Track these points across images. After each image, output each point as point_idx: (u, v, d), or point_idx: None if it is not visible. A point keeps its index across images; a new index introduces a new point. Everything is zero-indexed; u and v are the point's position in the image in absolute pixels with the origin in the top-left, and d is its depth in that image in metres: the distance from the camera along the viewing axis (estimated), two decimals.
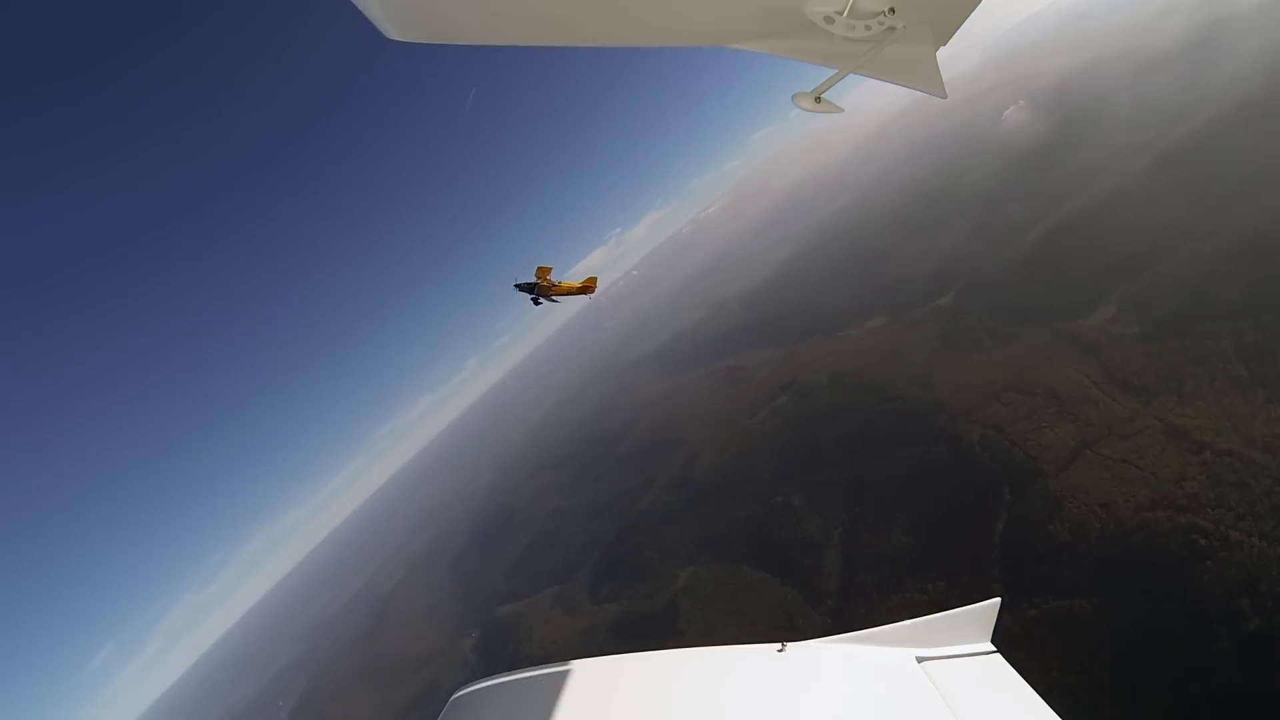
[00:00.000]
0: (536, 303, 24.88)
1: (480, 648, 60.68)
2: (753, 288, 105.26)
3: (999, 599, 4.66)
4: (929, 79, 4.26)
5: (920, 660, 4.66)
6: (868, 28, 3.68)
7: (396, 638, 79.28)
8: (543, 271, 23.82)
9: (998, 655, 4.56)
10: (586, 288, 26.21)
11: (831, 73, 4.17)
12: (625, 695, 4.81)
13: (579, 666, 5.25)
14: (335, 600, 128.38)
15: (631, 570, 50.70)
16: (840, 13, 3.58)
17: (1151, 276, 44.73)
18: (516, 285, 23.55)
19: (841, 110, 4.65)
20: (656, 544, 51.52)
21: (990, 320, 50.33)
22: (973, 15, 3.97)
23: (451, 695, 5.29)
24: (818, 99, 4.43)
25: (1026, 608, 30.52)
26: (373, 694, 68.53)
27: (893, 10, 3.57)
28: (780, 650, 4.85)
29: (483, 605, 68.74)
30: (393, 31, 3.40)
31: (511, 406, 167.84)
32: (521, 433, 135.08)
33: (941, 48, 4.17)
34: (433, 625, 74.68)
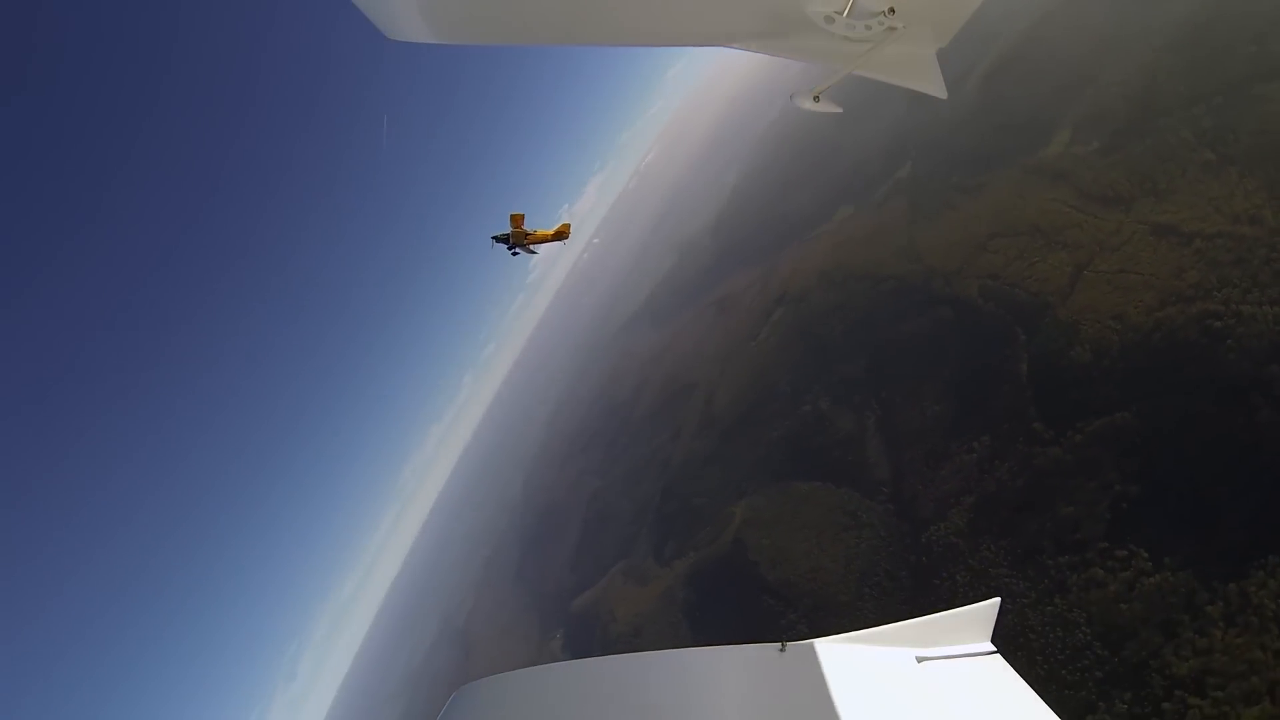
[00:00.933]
0: (514, 254, 24.26)
1: (569, 645, 61.48)
2: (714, 217, 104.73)
3: (999, 599, 4.64)
4: (929, 79, 4.26)
5: (920, 660, 4.62)
6: (868, 28, 3.68)
7: (488, 662, 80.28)
8: (516, 219, 23.20)
9: (998, 655, 4.55)
10: (560, 234, 25.55)
11: (831, 73, 4.15)
12: (625, 695, 4.78)
13: (579, 665, 5.27)
14: (418, 648, 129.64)
15: (688, 522, 51.32)
16: (840, 13, 3.58)
17: (1097, 91, 44.63)
18: (493, 237, 22.91)
19: (839, 110, 4.63)
20: (703, 490, 52.07)
21: (954, 176, 50.30)
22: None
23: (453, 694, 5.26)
24: (816, 98, 4.41)
25: (1072, 434, 31.01)
26: None
27: (893, 10, 3.58)
28: (781, 650, 4.77)
29: (558, 604, 69.52)
30: (392, 31, 3.37)
31: (520, 408, 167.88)
32: (538, 430, 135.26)
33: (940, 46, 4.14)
34: (517, 639, 75.60)
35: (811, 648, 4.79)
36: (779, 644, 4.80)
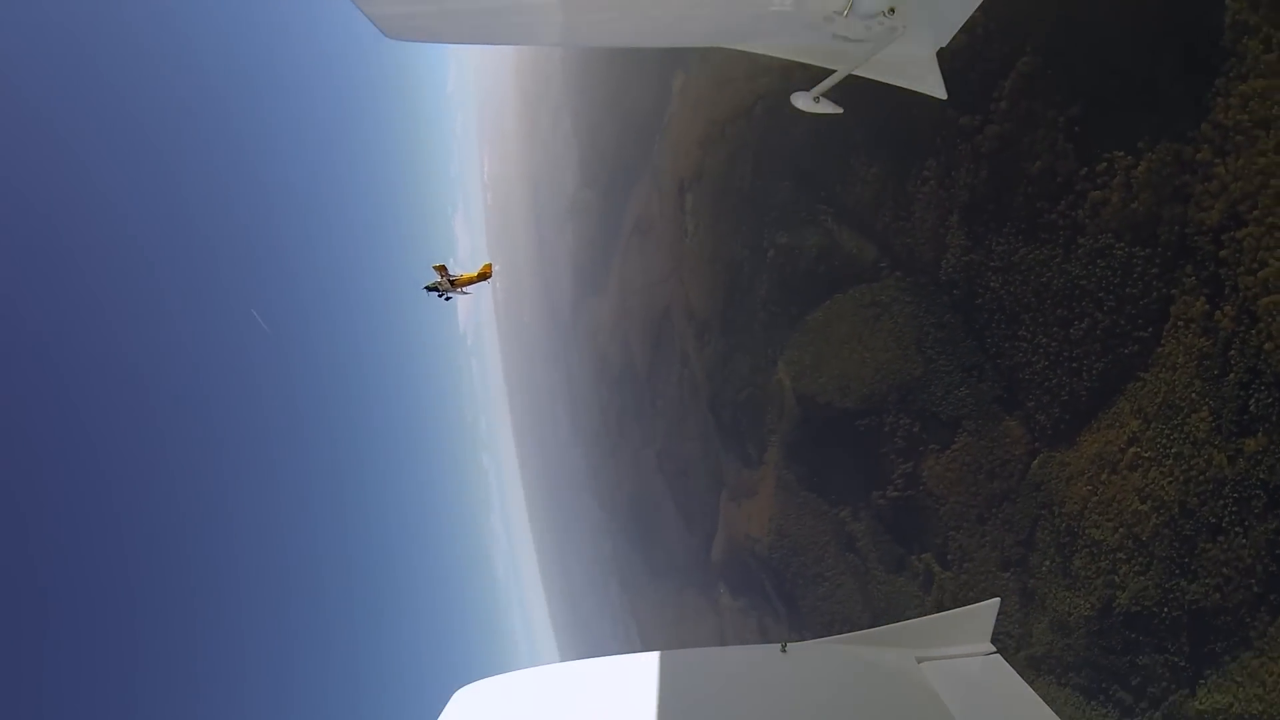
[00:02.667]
0: (447, 299, 25.95)
1: (737, 592, 61.63)
2: (578, 169, 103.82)
3: (998, 599, 4.72)
4: (929, 79, 4.24)
5: (920, 661, 4.66)
6: (868, 28, 3.64)
7: None
8: (440, 269, 24.91)
9: (997, 655, 4.62)
10: (484, 274, 27.08)
11: (831, 73, 4.10)
12: (627, 695, 4.81)
13: (581, 666, 5.30)
14: None
15: (749, 418, 51.81)
16: (840, 13, 3.54)
17: None
18: (425, 287, 24.72)
19: (840, 111, 4.59)
20: (740, 382, 52.44)
21: None
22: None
23: (455, 693, 5.30)
24: (816, 99, 4.38)
25: (996, 105, 31.10)
26: None
27: (893, 10, 3.56)
28: (782, 651, 4.91)
29: (702, 568, 70.00)
30: (391, 31, 3.33)
31: (545, 447, 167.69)
32: (571, 450, 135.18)
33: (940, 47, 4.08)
34: (694, 622, 76.26)
35: (812, 648, 5.02)
36: (780, 644, 5.00)
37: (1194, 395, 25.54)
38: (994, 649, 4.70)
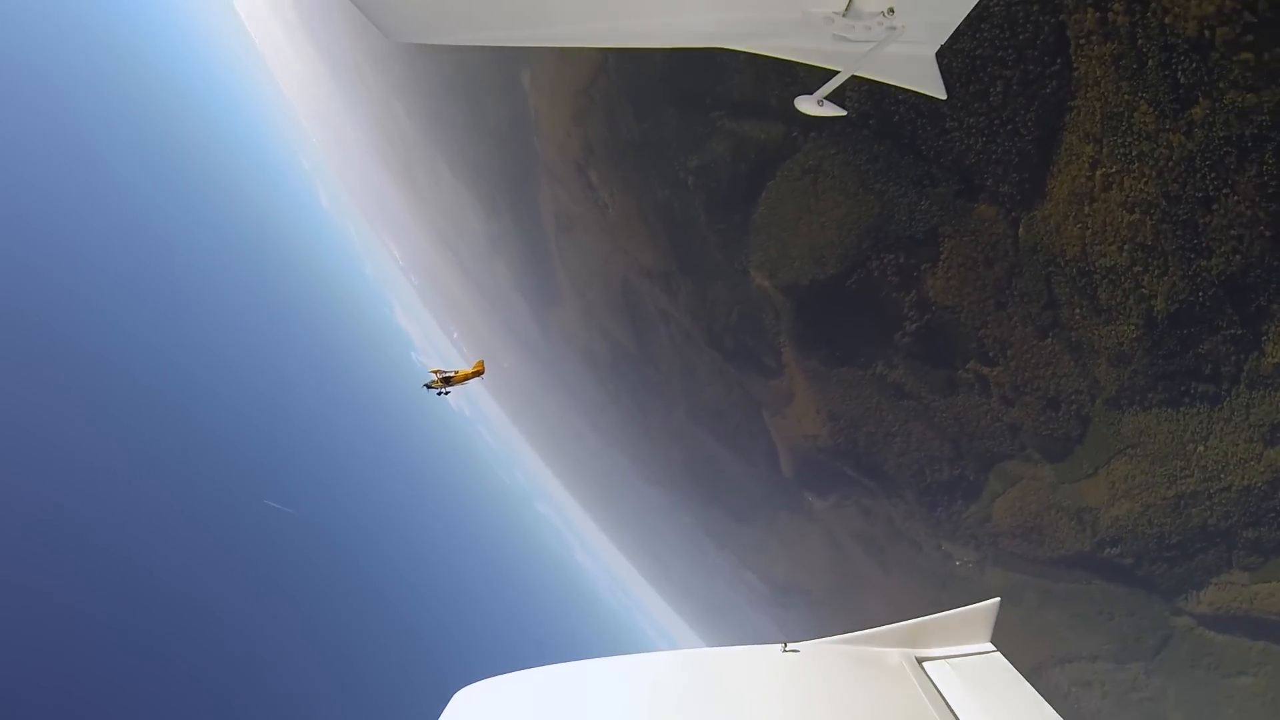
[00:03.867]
0: (446, 394, 28.90)
1: (822, 492, 61.30)
2: (478, 206, 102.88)
3: (999, 599, 4.77)
4: (928, 79, 4.28)
5: (920, 660, 4.72)
6: (868, 28, 3.68)
7: (823, 576, 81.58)
8: (437, 371, 27.95)
9: (998, 655, 4.68)
10: (478, 372, 29.52)
11: (833, 75, 4.14)
12: (627, 696, 4.85)
13: (584, 665, 5.35)
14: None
15: (750, 335, 52.01)
16: (840, 13, 3.59)
17: None
18: (425, 385, 27.67)
19: (844, 113, 4.62)
20: (727, 306, 52.39)
21: None
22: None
23: (455, 694, 5.33)
24: (820, 102, 4.42)
25: None
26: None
27: (892, 10, 3.58)
28: (785, 650, 4.93)
29: (779, 490, 69.34)
30: (391, 32, 3.37)
31: (582, 463, 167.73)
32: (607, 452, 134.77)
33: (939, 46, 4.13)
34: (800, 544, 76.35)
35: (813, 648, 5.04)
36: (781, 644, 5.01)
37: (1126, 96, 26.00)
38: (994, 648, 4.75)
